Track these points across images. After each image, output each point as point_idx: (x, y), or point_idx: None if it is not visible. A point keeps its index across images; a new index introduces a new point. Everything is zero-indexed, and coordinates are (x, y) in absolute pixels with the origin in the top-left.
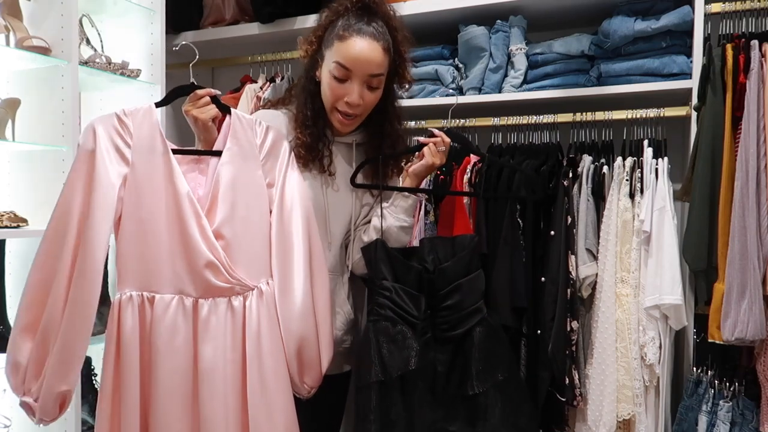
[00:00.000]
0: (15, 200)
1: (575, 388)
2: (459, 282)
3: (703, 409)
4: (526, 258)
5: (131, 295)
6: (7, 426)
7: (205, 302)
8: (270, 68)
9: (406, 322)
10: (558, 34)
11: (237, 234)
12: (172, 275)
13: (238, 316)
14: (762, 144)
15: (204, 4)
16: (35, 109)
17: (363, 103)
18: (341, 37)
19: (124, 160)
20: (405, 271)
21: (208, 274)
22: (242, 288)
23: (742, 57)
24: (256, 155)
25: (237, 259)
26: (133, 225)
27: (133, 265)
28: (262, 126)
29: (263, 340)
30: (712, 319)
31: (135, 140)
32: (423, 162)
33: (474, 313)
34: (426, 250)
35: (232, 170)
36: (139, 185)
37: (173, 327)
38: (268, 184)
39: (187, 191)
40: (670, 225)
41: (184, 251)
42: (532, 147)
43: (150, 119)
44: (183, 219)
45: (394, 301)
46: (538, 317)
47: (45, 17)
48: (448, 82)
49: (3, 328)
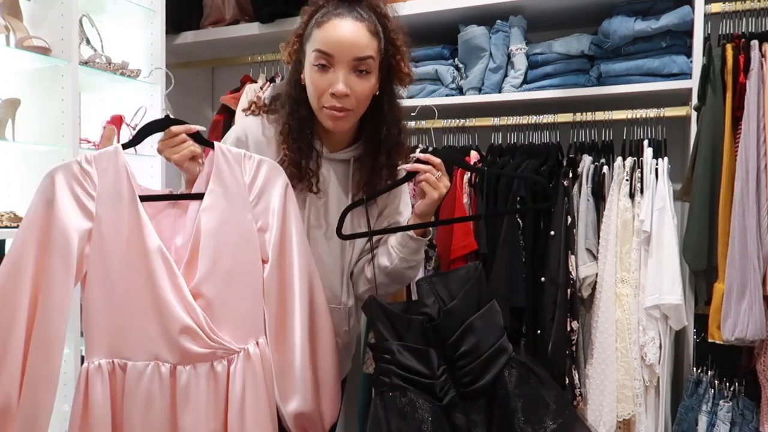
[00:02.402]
0: (15, 200)
1: (575, 388)
2: (470, 321)
3: (703, 409)
4: (526, 258)
5: (100, 364)
6: None
7: (184, 369)
8: (270, 68)
9: (418, 387)
10: (558, 34)
11: (220, 291)
12: (145, 340)
13: (222, 382)
14: (762, 144)
15: (204, 4)
16: (35, 109)
17: (352, 93)
18: (320, 24)
19: (87, 213)
20: (405, 327)
21: (184, 341)
22: (225, 352)
23: (742, 57)
24: (245, 196)
25: (220, 319)
26: (100, 286)
27: (102, 331)
28: (253, 160)
29: (247, 410)
30: (712, 319)
31: (99, 189)
32: (427, 200)
33: (497, 355)
34: (424, 294)
35: (216, 216)
36: (104, 241)
37: (148, 397)
38: (260, 229)
39: (158, 246)
40: (670, 225)
41: (157, 315)
42: (532, 147)
43: (115, 163)
44: (154, 278)
45: (399, 363)
46: (537, 317)
47: (45, 17)
48: (448, 82)
49: None
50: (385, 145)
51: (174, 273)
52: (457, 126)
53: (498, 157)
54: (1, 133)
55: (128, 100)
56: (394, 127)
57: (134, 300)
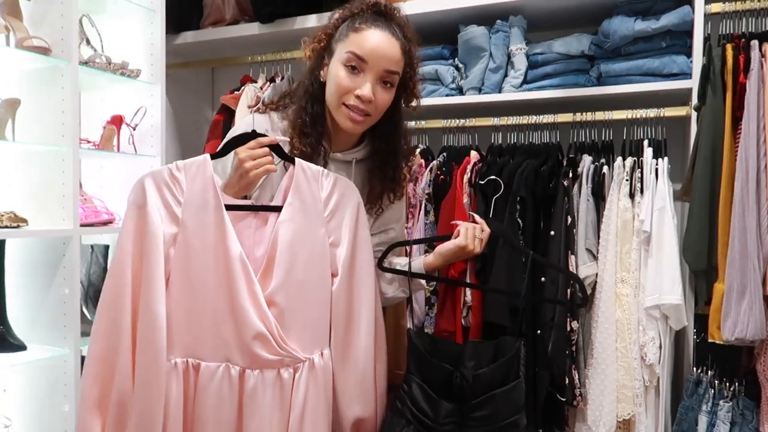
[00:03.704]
0: (15, 200)
1: (575, 388)
2: (494, 393)
3: (703, 409)
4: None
5: (176, 363)
6: (7, 426)
7: (252, 373)
8: (270, 68)
9: (422, 425)
10: (558, 34)
11: (292, 300)
12: (219, 343)
13: (287, 389)
14: (762, 144)
15: (204, 4)
16: (35, 109)
17: (375, 102)
18: (357, 29)
19: (174, 218)
20: (431, 371)
21: (256, 346)
22: (293, 360)
23: (742, 57)
24: (320, 211)
25: (290, 329)
26: (181, 288)
27: (180, 330)
28: (330, 178)
29: (306, 417)
30: (712, 319)
31: (186, 196)
32: (456, 242)
33: (509, 428)
34: (468, 354)
35: (292, 228)
36: (189, 245)
37: (218, 397)
38: (332, 244)
39: (239, 253)
40: (670, 225)
41: (233, 319)
42: (532, 147)
43: (204, 173)
44: (233, 284)
45: (411, 397)
46: (537, 317)
47: (45, 17)
48: (448, 82)
49: (3, 329)
50: (396, 157)
51: (252, 280)
52: (457, 126)
53: (498, 157)
54: (1, 133)
55: (128, 100)
56: (400, 139)
57: (212, 304)
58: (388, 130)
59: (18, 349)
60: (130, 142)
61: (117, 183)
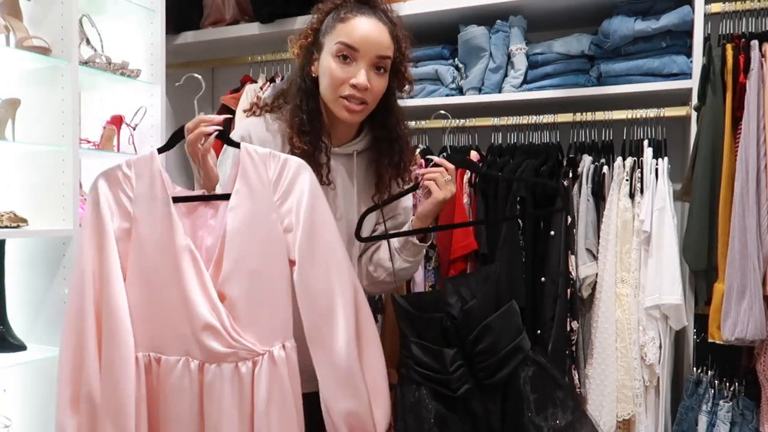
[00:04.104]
0: (15, 200)
1: (575, 388)
2: (487, 322)
3: (703, 409)
4: (526, 258)
5: (137, 357)
6: (7, 426)
7: (210, 367)
8: (270, 68)
9: (433, 381)
10: (558, 34)
11: (245, 291)
12: (177, 336)
13: (246, 384)
14: (762, 144)
15: (204, 4)
16: (35, 109)
17: (371, 89)
18: (344, 19)
19: (127, 214)
20: (425, 326)
21: (208, 339)
22: (249, 353)
23: (742, 57)
24: (269, 195)
25: (245, 320)
26: (137, 283)
27: (139, 325)
28: (278, 159)
29: (272, 413)
30: (712, 319)
31: (136, 191)
32: (431, 200)
33: (514, 353)
34: (449, 293)
35: (240, 215)
36: (141, 240)
37: (180, 392)
38: (286, 229)
39: (186, 244)
40: (670, 225)
41: (185, 312)
42: (532, 147)
43: (151, 167)
44: (182, 276)
45: (415, 359)
46: (537, 317)
47: (45, 17)
48: (448, 82)
49: (3, 329)
50: (397, 141)
51: (201, 271)
52: (457, 126)
53: (498, 157)
54: (1, 133)
55: (128, 100)
56: (399, 124)
57: (166, 297)
58: (385, 117)
59: (18, 349)
60: (130, 142)
61: None
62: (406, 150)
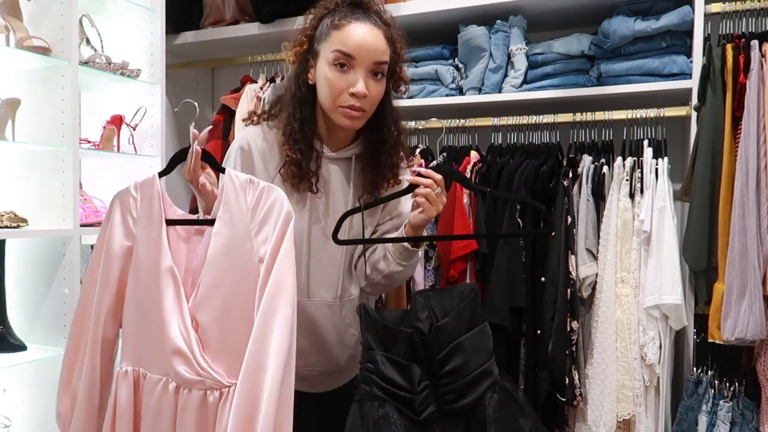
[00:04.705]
0: (15, 200)
1: (575, 388)
2: (459, 341)
3: (703, 409)
4: (526, 258)
5: (127, 371)
6: (7, 426)
7: (183, 391)
8: (270, 68)
9: (397, 399)
10: (558, 34)
11: (217, 319)
12: (159, 356)
13: (211, 415)
14: (762, 144)
15: (204, 4)
16: (35, 109)
17: (369, 96)
18: (338, 26)
19: (130, 233)
20: (392, 338)
21: (176, 363)
22: (215, 383)
23: (742, 57)
24: (246, 223)
25: (214, 349)
26: (131, 300)
27: (130, 341)
28: (257, 186)
29: None
30: (712, 319)
31: (138, 212)
32: (424, 216)
33: (482, 377)
34: (419, 307)
35: (219, 242)
36: (138, 258)
37: (158, 410)
38: (260, 259)
39: (169, 267)
40: (670, 225)
41: (162, 334)
42: (532, 147)
43: (151, 189)
44: (161, 298)
45: (380, 374)
46: (537, 317)
47: (45, 17)
48: (448, 82)
49: (3, 329)
50: (386, 143)
51: (180, 295)
52: (457, 126)
53: (498, 157)
54: (1, 133)
55: (128, 100)
56: (394, 127)
57: (149, 317)
58: (380, 119)
59: (18, 349)
60: (130, 142)
61: (117, 183)
62: (398, 150)
